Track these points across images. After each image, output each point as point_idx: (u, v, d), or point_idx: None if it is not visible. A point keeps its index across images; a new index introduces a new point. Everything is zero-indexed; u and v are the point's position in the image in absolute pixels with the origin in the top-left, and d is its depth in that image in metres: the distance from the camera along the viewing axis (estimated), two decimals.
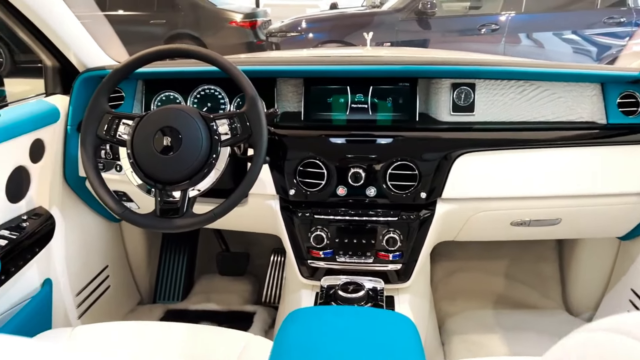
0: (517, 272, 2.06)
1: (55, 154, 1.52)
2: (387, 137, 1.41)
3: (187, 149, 1.19)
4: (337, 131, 1.45)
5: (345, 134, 1.44)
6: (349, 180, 1.39)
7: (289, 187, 1.43)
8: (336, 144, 1.43)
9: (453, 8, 6.89)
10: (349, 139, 1.44)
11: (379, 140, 1.42)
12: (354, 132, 1.45)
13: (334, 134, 1.44)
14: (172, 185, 1.22)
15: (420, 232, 1.43)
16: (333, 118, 1.49)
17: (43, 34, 1.45)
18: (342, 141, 1.43)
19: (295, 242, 1.47)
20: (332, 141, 1.43)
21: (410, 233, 1.42)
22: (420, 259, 1.45)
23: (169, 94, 1.57)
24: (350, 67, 1.46)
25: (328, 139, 1.44)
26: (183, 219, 1.23)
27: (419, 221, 1.42)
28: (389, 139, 1.41)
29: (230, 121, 1.22)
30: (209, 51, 1.25)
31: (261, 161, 1.22)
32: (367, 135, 1.43)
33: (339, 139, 1.43)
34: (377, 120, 1.47)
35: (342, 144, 1.43)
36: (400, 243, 1.40)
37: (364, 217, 1.42)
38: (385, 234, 1.41)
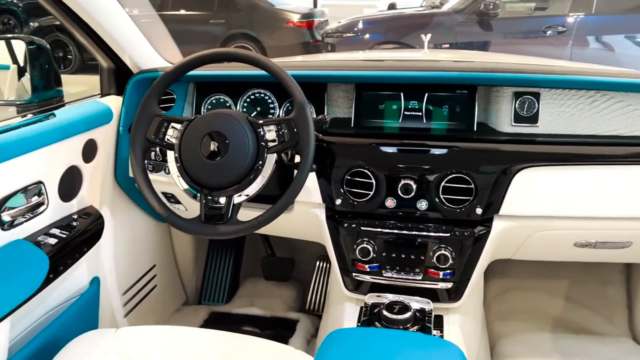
0: (579, 294, 1.91)
1: (107, 154, 1.53)
2: (441, 148, 1.34)
3: (233, 155, 1.16)
4: (388, 139, 1.39)
5: (397, 143, 1.37)
6: (398, 192, 1.33)
7: (336, 197, 1.38)
8: (387, 152, 1.37)
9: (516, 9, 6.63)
10: (400, 148, 1.37)
11: (432, 150, 1.34)
12: (407, 140, 1.38)
13: (385, 142, 1.38)
14: (217, 191, 1.20)
15: (474, 250, 1.34)
16: (385, 125, 1.43)
17: (98, 35, 1.47)
18: (393, 150, 1.37)
19: (340, 253, 1.42)
20: (382, 150, 1.37)
21: (463, 250, 1.34)
22: (473, 278, 1.37)
23: (220, 97, 1.55)
24: (405, 73, 1.39)
25: (378, 148, 1.37)
26: (227, 225, 1.20)
27: (474, 238, 1.33)
28: (444, 150, 1.33)
29: (278, 127, 1.19)
30: (258, 55, 1.23)
31: (307, 169, 1.17)
32: (420, 144, 1.35)
33: (390, 147, 1.37)
34: (431, 129, 1.40)
35: (393, 153, 1.37)
36: (452, 261, 1.32)
37: (413, 231, 1.35)
38: (436, 251, 1.33)
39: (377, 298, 1.38)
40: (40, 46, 1.46)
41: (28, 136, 1.24)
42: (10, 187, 1.20)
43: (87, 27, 1.45)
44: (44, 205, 1.31)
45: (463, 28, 5.96)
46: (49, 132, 1.30)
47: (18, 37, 1.41)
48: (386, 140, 1.38)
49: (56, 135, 1.32)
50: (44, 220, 1.32)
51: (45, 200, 1.31)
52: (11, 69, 1.52)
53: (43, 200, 1.31)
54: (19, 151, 1.21)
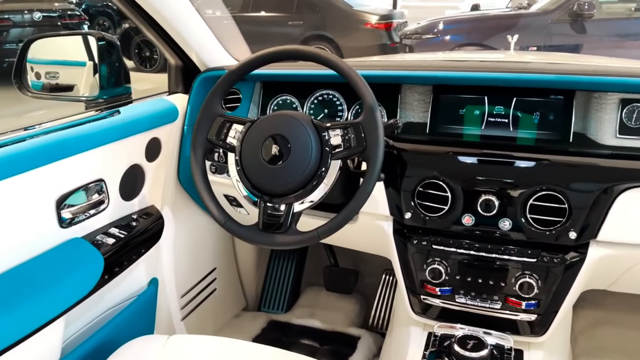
0: None
1: (170, 153, 1.50)
2: (531, 160, 1.17)
3: (295, 160, 1.07)
4: (468, 148, 1.24)
5: (479, 153, 1.22)
6: (478, 208, 1.18)
7: (405, 210, 1.25)
8: (466, 163, 1.22)
9: (614, 10, 6.12)
10: (482, 159, 1.22)
11: (520, 162, 1.18)
12: (490, 150, 1.22)
13: (465, 152, 1.23)
14: (277, 197, 1.12)
15: (565, 279, 1.16)
16: (464, 132, 1.28)
17: (166, 32, 1.43)
18: (473, 160, 1.22)
19: (408, 272, 1.29)
20: (461, 160, 1.23)
21: (551, 279, 1.16)
22: (562, 311, 1.19)
23: (286, 98, 1.47)
24: (491, 74, 1.24)
25: (456, 157, 1.23)
26: (285, 235, 1.12)
27: (564, 266, 1.15)
28: (533, 162, 1.17)
29: (344, 132, 1.08)
30: (327, 53, 1.13)
31: (374, 178, 1.06)
32: (506, 155, 1.20)
33: (470, 157, 1.22)
34: (518, 139, 1.24)
35: (473, 164, 1.22)
36: (537, 290, 1.15)
37: (493, 253, 1.19)
38: (519, 277, 1.17)
39: (449, 329, 1.24)
40: (111, 42, 1.45)
41: (90, 133, 1.22)
42: (71, 184, 1.18)
43: (155, 24, 1.42)
44: (104, 204, 1.29)
45: (554, 29, 5.58)
46: (112, 130, 1.27)
47: (89, 32, 1.41)
48: (466, 149, 1.24)
49: (119, 133, 1.29)
50: (104, 219, 1.29)
51: (105, 198, 1.29)
52: (87, 65, 1.52)
53: (103, 198, 1.28)
54: (81, 148, 1.19)
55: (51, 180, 1.13)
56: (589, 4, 5.32)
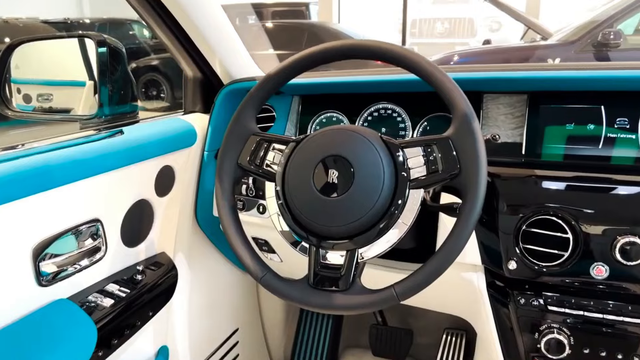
0: None
1: (187, 186, 1.19)
2: None
3: (361, 189, 0.77)
4: (584, 173, 0.93)
5: (603, 179, 0.91)
6: (614, 256, 0.85)
7: (507, 257, 0.92)
8: (588, 194, 0.90)
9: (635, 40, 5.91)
10: (608, 187, 0.90)
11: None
12: (617, 176, 0.91)
13: (582, 177, 0.92)
14: (335, 241, 0.81)
15: None
16: (576, 154, 0.97)
17: (186, 37, 1.15)
18: (598, 190, 0.90)
19: (509, 343, 0.95)
20: (580, 189, 0.91)
21: None
22: None
23: (332, 115, 1.18)
24: (618, 73, 0.93)
25: (573, 185, 0.92)
26: (348, 295, 0.80)
27: None
28: None
29: (427, 150, 0.78)
30: (405, 49, 0.83)
31: (476, 215, 0.76)
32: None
33: (592, 185, 0.91)
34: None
35: (598, 196, 0.90)
36: None
37: (637, 318, 0.86)
38: None
39: None
40: (115, 49, 1.16)
41: (84, 158, 0.91)
42: (55, 226, 0.87)
43: (175, 27, 1.14)
44: (101, 252, 0.97)
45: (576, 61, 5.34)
46: (113, 154, 0.97)
47: (86, 34, 1.12)
48: (582, 173, 0.92)
49: (122, 159, 0.99)
50: (100, 272, 0.98)
51: (102, 244, 0.97)
52: (87, 85, 1.23)
53: (100, 245, 0.97)
54: (70, 177, 0.88)
55: (27, 220, 0.82)
56: (615, 34, 5.10)
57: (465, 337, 1.52)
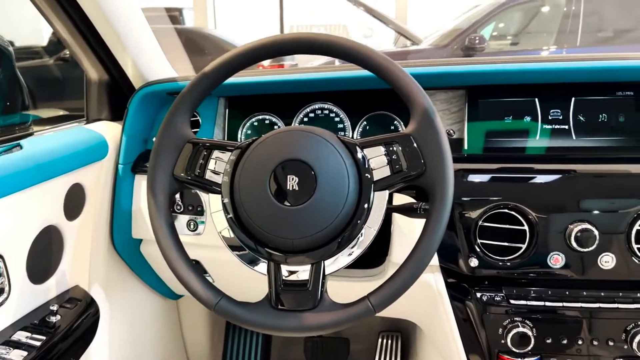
0: None
1: (100, 205, 1.02)
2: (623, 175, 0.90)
3: (325, 195, 0.70)
4: (529, 164, 0.94)
5: (551, 170, 0.93)
6: (569, 244, 0.87)
7: (465, 254, 0.91)
8: (538, 185, 0.92)
9: (498, 44, 6.51)
10: (556, 177, 0.92)
11: (610, 179, 0.91)
12: (557, 165, 0.93)
13: (527, 169, 0.93)
14: (298, 254, 0.73)
15: None
16: (516, 146, 0.99)
17: (94, 32, 0.99)
18: (547, 181, 0.92)
19: (474, 342, 0.93)
20: (529, 181, 0.92)
21: None
22: None
23: (264, 117, 1.09)
24: (547, 65, 0.96)
25: (521, 177, 0.93)
26: (321, 313, 0.73)
27: None
28: (625, 176, 0.90)
29: (388, 149, 0.73)
30: (359, 44, 0.77)
31: (447, 213, 0.72)
32: (589, 172, 0.91)
33: (540, 176, 0.92)
34: (585, 148, 0.97)
35: (548, 186, 0.92)
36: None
37: (594, 302, 0.88)
38: (635, 332, 0.86)
39: None
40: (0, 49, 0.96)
41: None
42: None
43: (79, 22, 0.98)
44: (4, 294, 0.79)
45: None
46: (11, 176, 0.79)
47: None
48: (533, 165, 0.94)
49: (23, 179, 0.81)
50: (4, 318, 0.79)
51: (4, 285, 0.79)
52: None
53: (1, 285, 0.78)
54: None
55: None
56: (480, 38, 5.55)
57: (400, 338, 1.50)
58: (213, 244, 0.95)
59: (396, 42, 8.73)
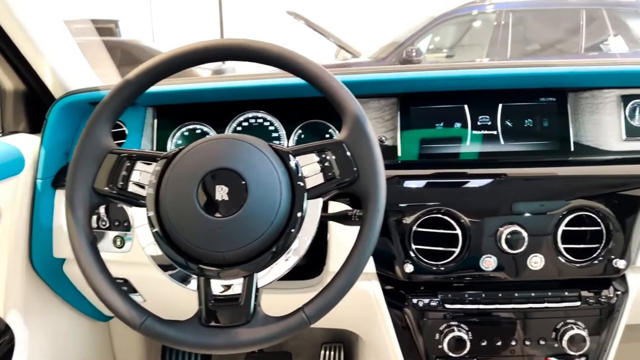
0: None
1: (16, 223, 0.95)
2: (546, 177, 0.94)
3: (256, 205, 0.68)
4: (461, 169, 0.96)
5: (476, 175, 0.94)
6: (500, 246, 0.89)
7: (401, 261, 0.90)
8: (468, 190, 0.93)
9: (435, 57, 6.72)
10: (485, 182, 0.94)
11: (536, 181, 0.93)
12: (486, 170, 0.95)
13: (459, 174, 0.95)
14: (230, 268, 0.70)
15: (611, 322, 0.92)
16: (447, 152, 1.00)
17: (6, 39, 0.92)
18: (476, 186, 0.94)
19: (412, 348, 0.93)
20: (460, 185, 0.94)
21: (598, 325, 0.91)
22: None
23: (195, 127, 1.05)
24: (475, 72, 0.98)
25: (453, 182, 0.94)
26: (254, 327, 0.71)
27: (609, 305, 0.91)
28: (552, 179, 0.93)
29: (321, 156, 0.72)
30: (290, 51, 0.75)
31: (380, 219, 0.72)
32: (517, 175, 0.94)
33: (470, 180, 0.94)
34: (512, 152, 1.00)
35: (477, 190, 0.93)
36: (589, 342, 0.88)
37: (525, 303, 0.90)
38: (564, 330, 0.89)
39: None
40: None
41: None
42: None
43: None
44: None
45: None
46: None
47: None
48: (465, 170, 0.95)
49: None
50: None
51: None
52: None
53: None
54: None
55: None
56: (417, 51, 5.72)
57: (343, 349, 1.49)
58: (141, 261, 0.90)
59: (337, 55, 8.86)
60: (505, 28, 5.83)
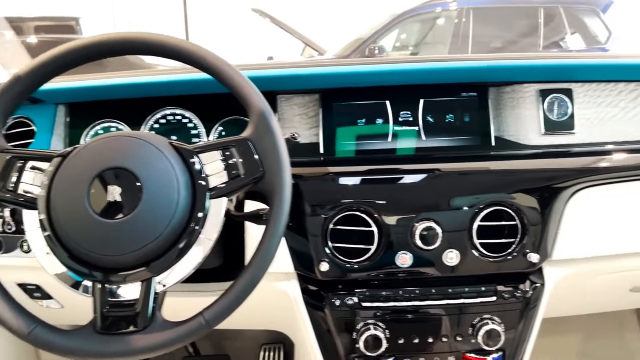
0: (596, 349, 1.56)
1: None
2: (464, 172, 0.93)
3: (151, 206, 0.66)
4: (378, 166, 0.94)
5: (394, 170, 0.93)
6: (415, 242, 0.87)
7: (318, 260, 0.89)
8: (383, 186, 0.92)
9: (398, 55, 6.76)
10: (399, 177, 0.93)
11: (451, 177, 0.92)
12: (405, 166, 0.94)
13: (376, 170, 0.93)
14: (125, 272, 0.67)
15: (527, 316, 0.92)
16: (369, 148, 0.99)
17: None
18: (391, 182, 0.92)
19: (329, 348, 0.91)
20: (376, 182, 0.92)
21: (514, 319, 0.91)
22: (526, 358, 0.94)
23: (110, 125, 1.01)
24: (397, 67, 0.97)
25: (369, 179, 0.92)
26: (151, 333, 0.68)
27: (525, 300, 0.91)
28: (470, 174, 0.93)
29: (225, 154, 0.69)
30: (192, 44, 0.73)
31: (284, 220, 0.70)
32: (433, 170, 0.92)
33: (386, 177, 0.93)
34: (434, 148, 0.99)
35: (392, 187, 0.92)
36: (504, 336, 0.88)
37: (441, 299, 0.89)
38: (479, 326, 0.88)
39: None
40: None
41: None
42: None
43: None
44: None
45: None
46: None
47: None
48: (380, 166, 0.94)
49: None
50: None
51: None
52: None
53: None
54: None
55: None
56: (379, 49, 5.73)
57: (282, 349, 1.47)
58: None
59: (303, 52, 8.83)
60: (466, 26, 5.88)
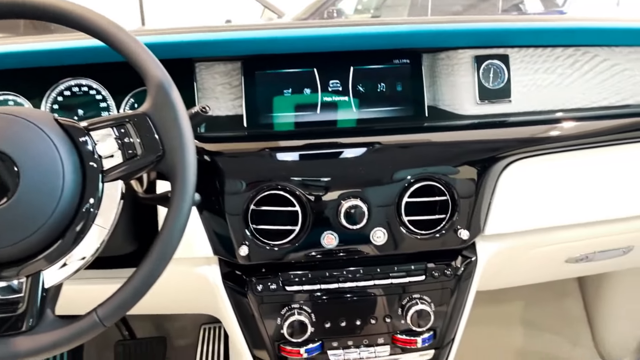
0: (538, 316, 1.57)
1: None
2: (393, 145, 0.87)
3: (31, 194, 0.58)
4: (306, 139, 0.87)
5: (322, 144, 0.87)
6: (340, 222, 0.82)
7: (238, 242, 0.82)
8: (308, 163, 0.85)
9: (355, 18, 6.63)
10: (327, 152, 0.86)
11: (380, 150, 0.86)
12: (340, 139, 0.87)
13: (304, 145, 0.86)
14: (4, 267, 0.60)
15: (459, 294, 0.88)
16: (296, 121, 0.92)
17: None
18: (317, 157, 0.86)
19: (254, 334, 0.86)
20: (301, 158, 0.85)
21: (445, 298, 0.87)
22: (458, 337, 0.91)
23: (6, 99, 0.91)
24: (322, 32, 0.89)
25: (293, 155, 0.86)
26: (38, 334, 0.62)
27: (457, 277, 0.88)
28: (397, 147, 0.87)
29: (120, 132, 0.62)
30: (79, 6, 0.64)
31: (187, 203, 0.64)
32: (364, 143, 0.86)
33: (315, 151, 0.86)
34: (365, 120, 0.93)
35: (318, 163, 0.85)
36: (433, 317, 0.85)
37: (369, 280, 0.85)
38: (409, 306, 0.85)
39: None
40: None
41: None
42: None
43: None
44: None
45: None
46: None
47: None
48: (304, 141, 0.87)
49: None
50: None
51: None
52: None
53: None
54: None
55: None
56: (338, 12, 5.61)
57: (222, 329, 1.42)
58: None
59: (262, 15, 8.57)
60: None
